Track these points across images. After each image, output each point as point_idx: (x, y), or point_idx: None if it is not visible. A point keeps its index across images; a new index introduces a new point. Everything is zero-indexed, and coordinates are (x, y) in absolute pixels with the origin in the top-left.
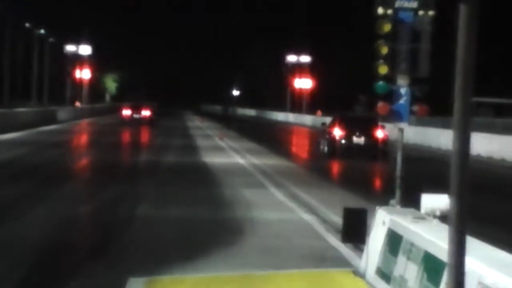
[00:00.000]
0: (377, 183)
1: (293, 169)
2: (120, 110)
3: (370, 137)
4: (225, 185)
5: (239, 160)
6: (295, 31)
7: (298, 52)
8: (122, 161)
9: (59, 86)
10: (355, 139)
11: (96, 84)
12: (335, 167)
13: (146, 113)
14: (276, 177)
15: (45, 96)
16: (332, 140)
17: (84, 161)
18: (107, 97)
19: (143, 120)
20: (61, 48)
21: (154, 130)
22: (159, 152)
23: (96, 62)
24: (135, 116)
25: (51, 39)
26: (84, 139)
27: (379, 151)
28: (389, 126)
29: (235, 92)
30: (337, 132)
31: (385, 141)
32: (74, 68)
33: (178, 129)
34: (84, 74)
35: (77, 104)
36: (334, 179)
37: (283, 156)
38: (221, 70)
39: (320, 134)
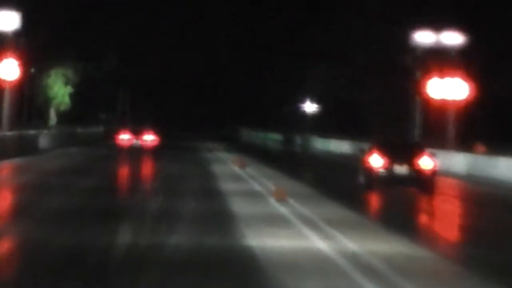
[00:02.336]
0: None
1: (430, 263)
2: (115, 134)
3: (415, 166)
4: None
5: (318, 242)
6: None
7: (437, 27)
8: (82, 246)
9: None
10: (397, 169)
11: (30, 90)
12: None
13: (149, 138)
14: (395, 280)
15: None
16: (369, 170)
17: (5, 245)
18: (52, 115)
19: (145, 148)
20: None
21: (148, 180)
22: (156, 226)
23: (31, 46)
24: (135, 142)
25: None
26: (6, 201)
27: (427, 183)
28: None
29: (309, 107)
30: (376, 161)
31: (434, 171)
32: None
33: (194, 180)
34: (6, 69)
35: None
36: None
37: (408, 236)
38: (278, 65)
39: (359, 163)
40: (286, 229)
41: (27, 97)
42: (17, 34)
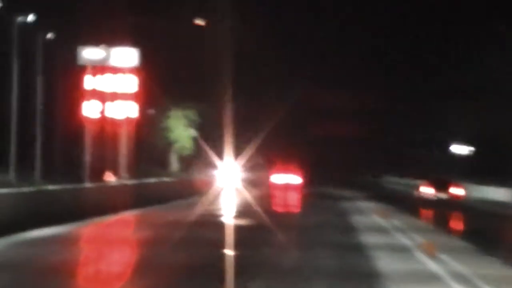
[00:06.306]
0: None
1: None
2: (268, 175)
3: (449, 193)
4: None
5: None
6: None
7: None
8: None
9: (66, 138)
10: (440, 194)
11: (150, 133)
12: None
13: (294, 179)
14: None
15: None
16: (423, 195)
17: None
18: (174, 160)
19: (291, 188)
20: (71, 54)
21: (282, 231)
22: (290, 283)
23: (151, 85)
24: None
25: (48, 35)
26: (129, 257)
27: (456, 205)
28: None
29: (459, 149)
30: (427, 190)
31: (462, 197)
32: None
33: (333, 232)
34: (123, 110)
35: (109, 176)
36: None
37: None
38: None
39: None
40: None
41: (147, 143)
42: (135, 71)
